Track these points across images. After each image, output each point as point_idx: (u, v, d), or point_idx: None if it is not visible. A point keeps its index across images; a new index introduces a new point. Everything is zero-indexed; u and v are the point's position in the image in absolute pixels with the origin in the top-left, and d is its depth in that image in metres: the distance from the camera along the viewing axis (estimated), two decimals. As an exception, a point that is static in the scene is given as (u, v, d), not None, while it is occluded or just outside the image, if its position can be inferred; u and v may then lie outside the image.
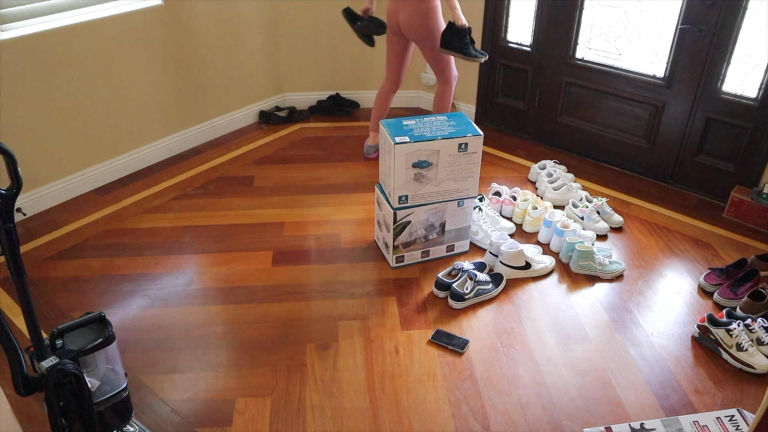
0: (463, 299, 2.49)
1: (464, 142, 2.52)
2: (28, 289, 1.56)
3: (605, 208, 3.03)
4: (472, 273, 2.53)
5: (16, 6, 2.82)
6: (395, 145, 2.44)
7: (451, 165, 2.56)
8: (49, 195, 3.16)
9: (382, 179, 2.70)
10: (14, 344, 1.52)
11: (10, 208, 1.48)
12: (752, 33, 2.85)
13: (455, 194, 2.64)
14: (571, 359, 2.28)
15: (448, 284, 2.54)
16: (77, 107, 3.13)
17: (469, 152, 2.55)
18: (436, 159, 2.52)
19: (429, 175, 2.55)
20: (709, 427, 1.86)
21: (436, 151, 2.50)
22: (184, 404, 2.10)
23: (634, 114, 3.37)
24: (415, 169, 2.51)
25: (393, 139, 2.46)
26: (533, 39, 3.57)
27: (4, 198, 1.46)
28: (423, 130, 2.53)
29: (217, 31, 3.63)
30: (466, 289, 2.51)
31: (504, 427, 2.02)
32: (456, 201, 2.66)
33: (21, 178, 1.51)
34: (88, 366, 1.69)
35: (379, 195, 2.72)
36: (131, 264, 2.77)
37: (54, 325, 2.43)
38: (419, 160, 2.50)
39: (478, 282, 2.51)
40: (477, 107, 4.01)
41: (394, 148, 2.45)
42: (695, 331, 2.36)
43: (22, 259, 1.55)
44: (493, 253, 2.69)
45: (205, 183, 3.39)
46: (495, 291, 2.57)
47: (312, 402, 2.10)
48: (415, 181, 2.54)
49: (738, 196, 3.03)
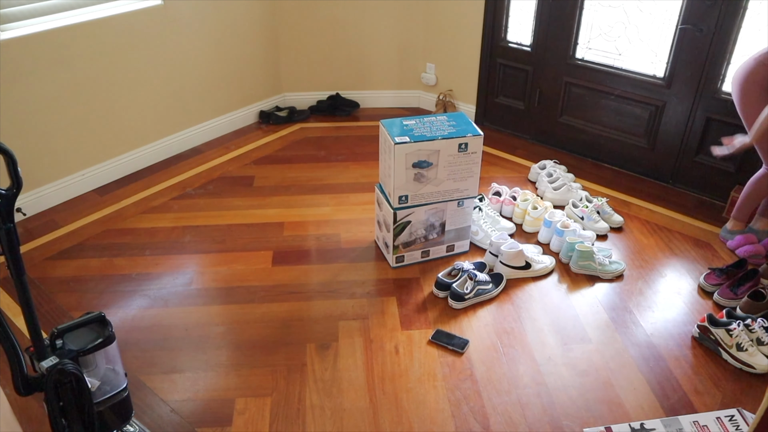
0: (463, 299, 2.49)
1: (464, 142, 2.52)
2: (28, 288, 1.56)
3: (605, 208, 3.03)
4: (472, 273, 2.53)
5: (16, 6, 2.82)
6: (395, 144, 2.44)
7: (451, 165, 2.55)
8: (49, 195, 3.16)
9: (381, 179, 2.70)
10: (14, 344, 1.53)
11: (11, 209, 1.48)
12: (752, 33, 2.85)
13: (455, 194, 2.64)
14: (571, 359, 2.28)
15: (448, 284, 2.54)
16: (77, 107, 3.13)
17: (469, 152, 2.55)
18: (436, 159, 2.52)
19: (429, 175, 2.55)
20: (709, 427, 1.86)
21: (436, 151, 2.50)
22: (184, 404, 2.10)
23: (634, 114, 3.37)
24: (415, 169, 2.51)
25: (393, 138, 2.46)
26: (533, 39, 3.57)
27: (5, 198, 1.46)
28: (423, 130, 2.53)
29: (217, 31, 3.63)
30: (466, 289, 2.51)
31: (504, 427, 2.02)
32: (456, 201, 2.66)
33: (21, 178, 1.51)
34: (88, 366, 1.69)
35: (379, 195, 2.72)
36: (131, 264, 2.77)
37: (54, 325, 2.43)
38: (419, 160, 2.49)
39: (478, 282, 2.51)
40: (477, 107, 4.01)
41: (394, 148, 2.44)
42: (695, 331, 2.36)
43: (22, 259, 1.55)
44: (493, 253, 2.69)
45: (205, 183, 3.39)
46: (495, 291, 2.58)
47: (312, 402, 2.10)
48: (415, 181, 2.54)
49: (738, 196, 3.02)
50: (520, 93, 3.77)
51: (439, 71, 4.08)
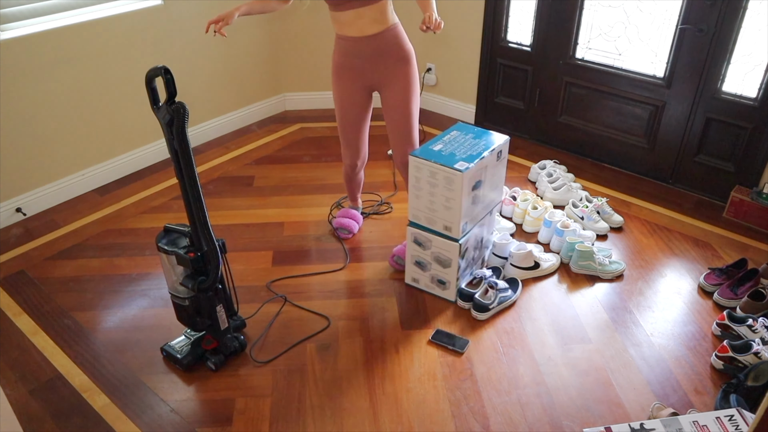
0: (487, 309, 2.44)
1: (500, 150, 2.42)
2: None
3: (605, 208, 3.03)
4: (492, 282, 2.48)
5: (16, 6, 2.82)
6: (463, 173, 2.22)
7: (492, 176, 2.45)
8: (49, 195, 3.16)
9: (416, 215, 2.43)
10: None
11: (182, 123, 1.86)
12: (752, 33, 2.85)
13: (491, 205, 2.56)
14: (571, 359, 2.28)
15: (472, 294, 2.49)
16: (77, 107, 3.13)
17: (502, 158, 2.46)
18: (484, 175, 2.38)
19: (480, 194, 2.41)
20: (708, 427, 1.86)
21: (485, 167, 2.35)
22: (184, 404, 2.10)
23: (634, 114, 3.37)
24: (473, 191, 2.33)
25: (453, 167, 2.23)
26: (533, 39, 3.57)
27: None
28: (460, 150, 2.33)
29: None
30: (489, 299, 2.47)
31: (504, 427, 2.02)
32: (491, 211, 2.58)
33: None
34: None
35: (420, 234, 2.45)
36: (131, 264, 2.77)
37: (54, 324, 2.43)
38: (477, 181, 2.32)
39: (500, 290, 2.46)
40: (477, 107, 4.01)
41: (462, 177, 2.22)
42: (715, 361, 2.25)
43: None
44: (498, 254, 2.68)
45: (205, 183, 3.39)
46: (514, 296, 2.53)
47: (312, 402, 2.10)
48: (473, 204, 2.38)
49: (738, 196, 3.03)
50: (520, 93, 3.78)
51: (439, 71, 4.08)
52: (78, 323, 2.43)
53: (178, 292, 2.11)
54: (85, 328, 2.41)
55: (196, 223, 2.00)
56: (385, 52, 2.41)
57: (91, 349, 2.32)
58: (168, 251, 2.04)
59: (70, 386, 2.16)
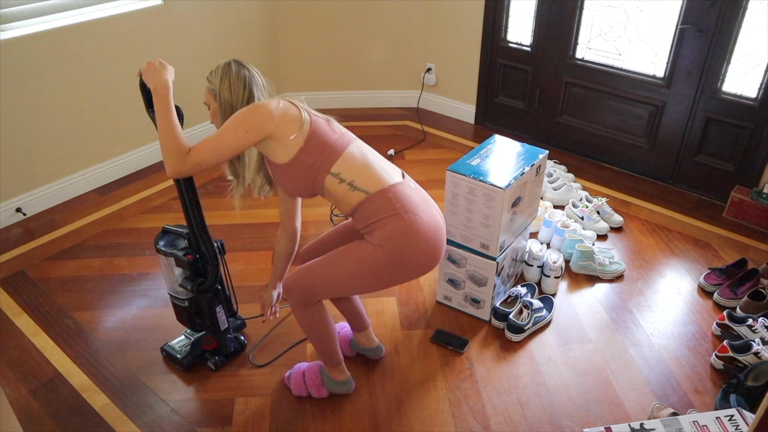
0: (522, 331, 2.35)
1: (539, 164, 2.34)
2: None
3: (605, 208, 3.03)
4: (527, 302, 2.39)
5: (16, 6, 2.82)
6: (504, 189, 2.13)
7: (530, 192, 2.36)
8: (49, 195, 3.16)
9: (459, 234, 2.33)
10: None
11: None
12: (752, 33, 2.85)
13: (527, 221, 2.48)
14: (571, 359, 2.28)
15: (506, 314, 2.39)
16: (77, 107, 3.13)
17: (540, 173, 2.39)
18: (523, 191, 2.29)
19: (518, 210, 2.33)
20: (708, 427, 1.86)
21: (524, 183, 2.27)
22: (184, 404, 2.10)
23: (634, 114, 3.37)
24: (512, 208, 2.26)
25: (494, 184, 2.14)
26: (533, 39, 3.57)
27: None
28: (497, 164, 2.26)
29: (217, 31, 3.63)
30: (524, 320, 2.37)
31: (504, 427, 2.02)
32: (527, 227, 2.52)
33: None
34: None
35: (455, 252, 2.37)
36: (131, 264, 2.77)
37: (54, 324, 2.43)
38: (516, 197, 2.25)
39: (534, 310, 2.38)
40: (477, 107, 4.00)
41: (503, 194, 2.13)
42: (715, 361, 2.26)
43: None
44: (527, 261, 2.63)
45: (205, 183, 3.39)
46: (549, 316, 2.45)
47: (312, 402, 2.10)
48: (511, 222, 2.30)
49: (738, 196, 3.03)
50: (520, 93, 3.77)
51: (439, 71, 4.08)
52: (78, 323, 2.43)
53: (178, 293, 2.11)
54: (85, 328, 2.41)
55: (194, 226, 1.99)
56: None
57: (90, 349, 2.32)
58: (167, 253, 2.04)
59: (69, 386, 2.16)
